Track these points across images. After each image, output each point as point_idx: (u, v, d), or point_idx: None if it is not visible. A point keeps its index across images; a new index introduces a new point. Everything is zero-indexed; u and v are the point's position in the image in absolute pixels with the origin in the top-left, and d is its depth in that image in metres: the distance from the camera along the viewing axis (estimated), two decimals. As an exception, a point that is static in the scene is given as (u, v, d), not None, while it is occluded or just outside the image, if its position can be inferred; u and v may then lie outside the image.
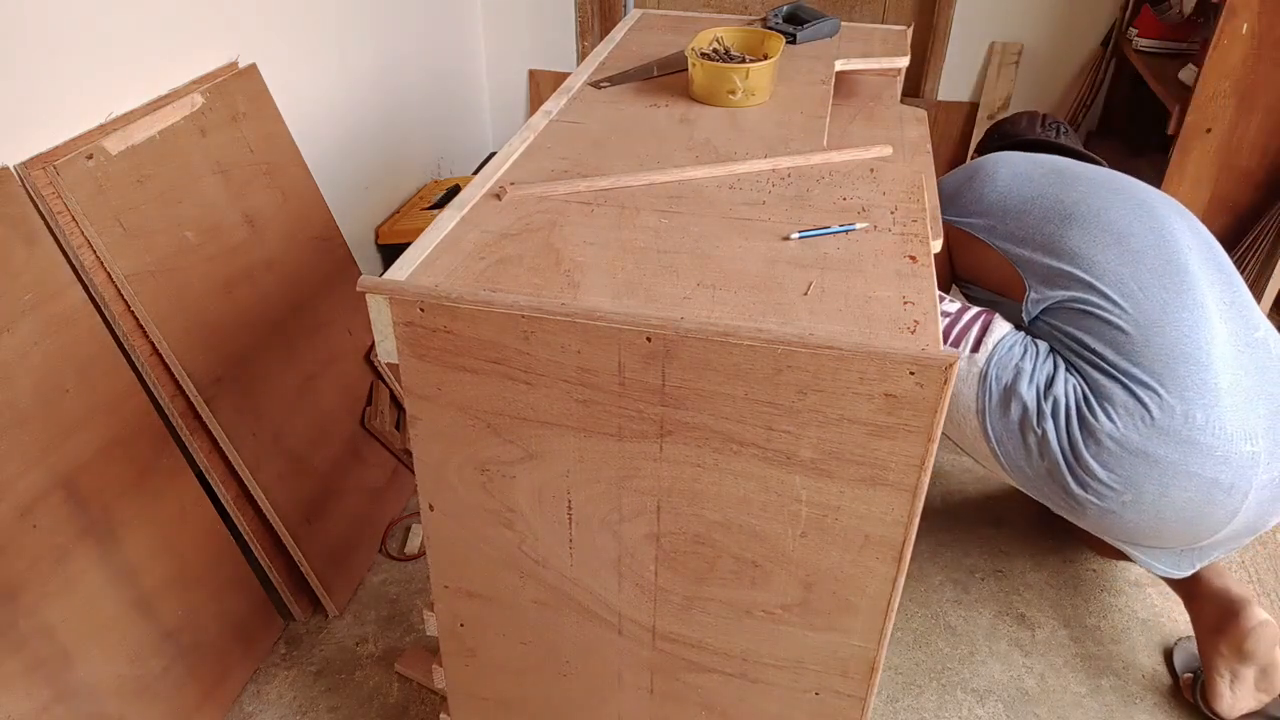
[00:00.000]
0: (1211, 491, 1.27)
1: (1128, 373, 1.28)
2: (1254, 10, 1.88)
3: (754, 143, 1.15)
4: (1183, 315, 1.29)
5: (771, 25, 1.52)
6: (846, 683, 0.97)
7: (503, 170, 1.08)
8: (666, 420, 0.84)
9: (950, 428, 1.43)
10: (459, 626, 1.09)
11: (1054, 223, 1.42)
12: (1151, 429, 1.26)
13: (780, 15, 1.55)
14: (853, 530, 0.86)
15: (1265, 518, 1.32)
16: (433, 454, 0.94)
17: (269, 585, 1.59)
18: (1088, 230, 1.39)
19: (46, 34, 1.31)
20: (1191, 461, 1.25)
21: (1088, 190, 1.44)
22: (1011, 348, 1.36)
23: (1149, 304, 1.31)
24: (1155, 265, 1.34)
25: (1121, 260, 1.35)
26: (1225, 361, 1.28)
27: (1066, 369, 1.34)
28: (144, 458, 1.36)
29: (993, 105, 2.69)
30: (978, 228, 1.51)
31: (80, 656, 1.25)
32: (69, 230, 1.28)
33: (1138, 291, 1.32)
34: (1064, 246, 1.39)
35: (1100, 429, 1.28)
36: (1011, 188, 1.51)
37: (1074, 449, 1.30)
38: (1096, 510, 1.32)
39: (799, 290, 0.85)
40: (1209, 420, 1.25)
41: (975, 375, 1.37)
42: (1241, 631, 1.40)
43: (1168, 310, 1.30)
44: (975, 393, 1.37)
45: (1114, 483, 1.29)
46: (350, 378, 1.79)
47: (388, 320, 0.86)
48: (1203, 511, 1.29)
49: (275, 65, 1.80)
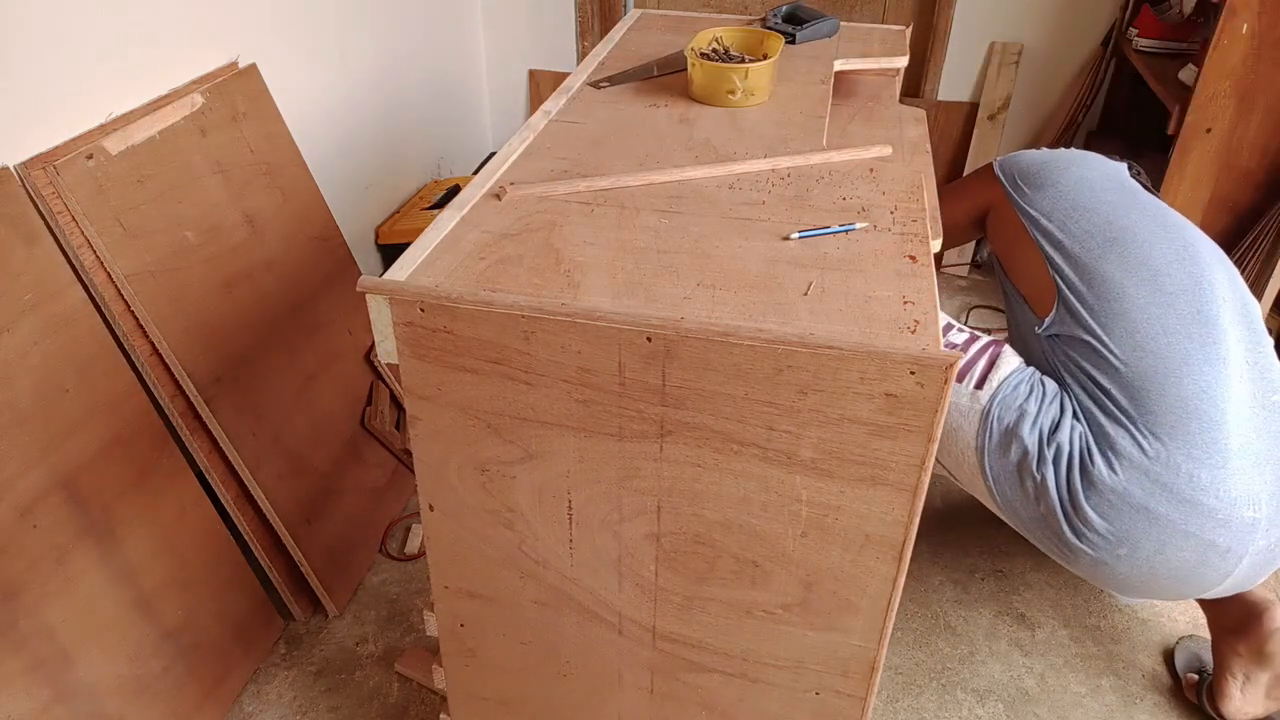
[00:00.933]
0: (1207, 553, 1.24)
1: (1135, 420, 1.25)
2: (1254, 10, 1.88)
3: (754, 143, 1.15)
4: (1204, 369, 1.25)
5: (770, 25, 1.52)
6: (847, 682, 0.97)
7: (502, 170, 1.08)
8: (667, 420, 0.84)
9: (948, 460, 1.41)
10: (459, 627, 1.09)
11: (1098, 241, 1.38)
12: (1153, 484, 1.23)
13: (779, 15, 1.55)
14: (853, 530, 0.86)
15: (1254, 578, 1.30)
16: (433, 454, 0.94)
17: (269, 585, 1.59)
18: (1127, 260, 1.35)
19: (46, 34, 1.31)
20: (1191, 522, 1.22)
21: (1139, 219, 1.40)
22: (1017, 386, 1.33)
23: (1170, 351, 1.27)
24: (1185, 312, 1.30)
25: (1151, 299, 1.31)
26: (1239, 422, 1.24)
27: (1074, 414, 1.31)
28: (144, 458, 1.36)
29: (993, 105, 2.69)
30: (1032, 218, 1.47)
31: (80, 656, 1.25)
32: (69, 230, 1.28)
33: (1160, 335, 1.28)
34: (1099, 269, 1.35)
35: (1101, 479, 1.25)
36: (1079, 188, 1.47)
37: (1073, 497, 1.27)
38: (1089, 560, 1.30)
39: (799, 290, 0.85)
40: (1214, 481, 1.22)
41: (978, 413, 1.33)
42: (1264, 634, 1.39)
43: (1189, 362, 1.26)
44: (975, 429, 1.34)
45: (1110, 534, 1.26)
46: (350, 378, 1.79)
47: (388, 320, 0.86)
48: (1196, 572, 1.27)
49: (275, 65, 1.80)
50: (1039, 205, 1.49)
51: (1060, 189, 1.48)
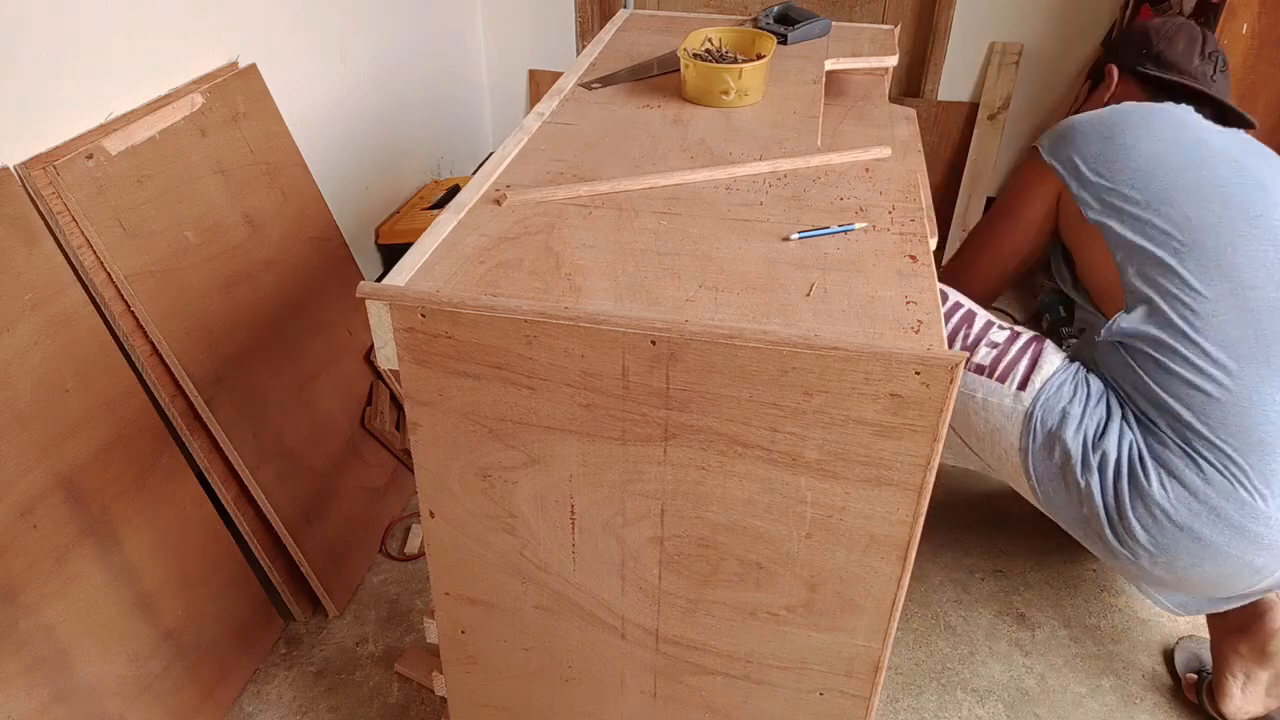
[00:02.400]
0: (1242, 570, 1.22)
1: (1194, 442, 1.20)
2: (1254, 10, 1.88)
3: (749, 143, 1.15)
4: (1276, 397, 1.18)
5: (763, 26, 1.52)
6: (850, 683, 0.97)
7: (498, 173, 1.08)
8: (671, 423, 0.84)
9: (991, 458, 1.37)
10: (460, 633, 1.09)
11: (1174, 242, 1.25)
12: (1203, 507, 1.19)
13: (771, 16, 1.54)
14: (858, 530, 0.86)
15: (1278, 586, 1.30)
16: (434, 460, 0.94)
17: (269, 585, 1.59)
18: (1206, 268, 1.22)
19: (46, 34, 1.31)
20: (1234, 545, 1.20)
21: (1223, 212, 1.24)
22: (1060, 387, 1.27)
23: (1244, 378, 1.19)
24: (1269, 333, 1.20)
25: (1230, 318, 1.20)
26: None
27: (1123, 418, 1.25)
28: (144, 458, 1.36)
29: (993, 105, 2.68)
30: (1104, 206, 1.32)
31: (80, 656, 1.25)
32: (69, 230, 1.27)
33: (1233, 362, 1.19)
34: (1174, 270, 1.24)
35: (1151, 495, 1.21)
36: (1146, 172, 1.30)
37: (1119, 506, 1.23)
38: (1126, 560, 1.28)
39: (801, 291, 0.85)
40: (1268, 511, 1.18)
41: (1020, 415, 1.29)
42: (1266, 634, 1.38)
43: (1261, 390, 1.18)
44: (1019, 432, 1.29)
45: (1151, 546, 1.23)
46: (350, 378, 1.79)
47: (388, 326, 0.86)
48: (1226, 582, 1.26)
49: (275, 65, 1.80)
50: (1108, 181, 1.32)
51: (1133, 167, 1.31)
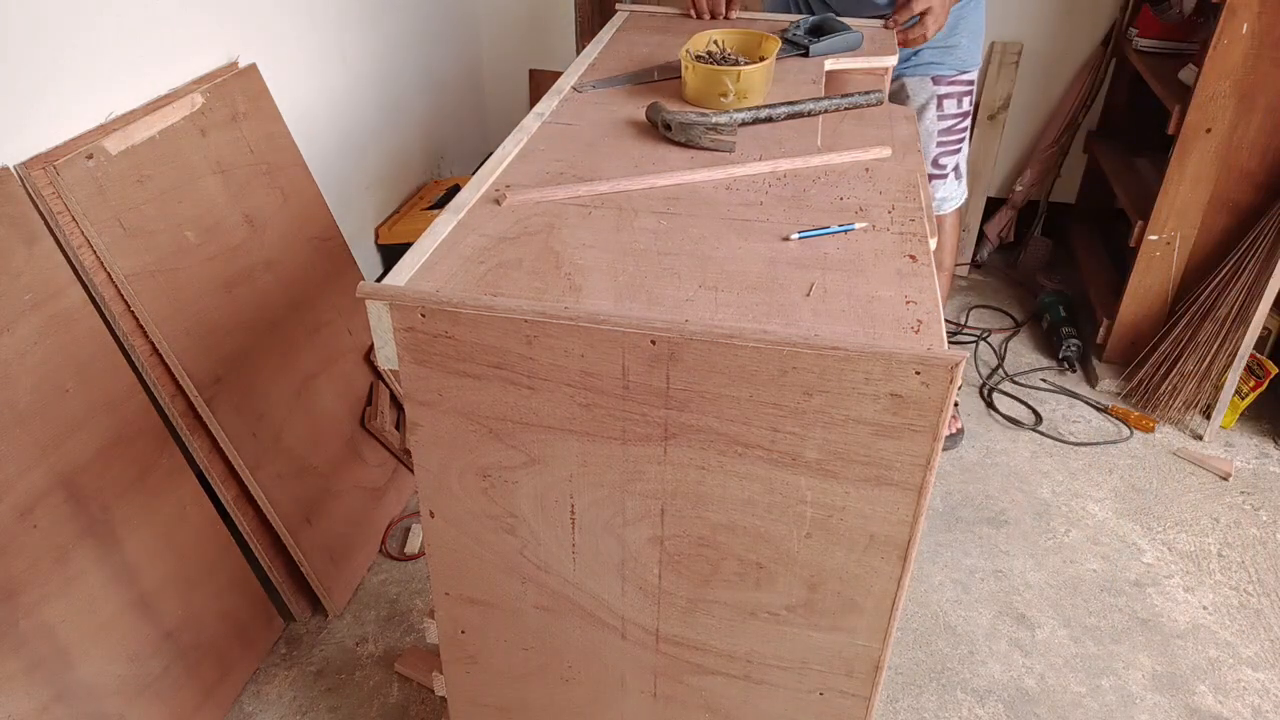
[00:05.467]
0: None
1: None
2: (1254, 10, 1.87)
3: (748, 144, 1.15)
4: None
5: (790, 36, 1.47)
6: (851, 682, 0.97)
7: (498, 173, 1.08)
8: (671, 423, 0.84)
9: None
10: (460, 633, 1.09)
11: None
12: None
13: (803, 27, 1.49)
14: (858, 530, 0.86)
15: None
16: (434, 460, 0.94)
17: (269, 585, 1.59)
18: None
19: (47, 34, 1.30)
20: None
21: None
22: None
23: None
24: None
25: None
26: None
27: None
28: (144, 458, 1.36)
29: (993, 105, 2.68)
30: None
31: (80, 656, 1.25)
32: (69, 230, 1.27)
33: None
34: None
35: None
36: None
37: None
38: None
39: (801, 291, 0.85)
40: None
41: None
42: None
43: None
44: None
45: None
46: (350, 378, 1.79)
47: (388, 326, 0.86)
48: None
49: (275, 65, 1.80)
50: None
51: None
